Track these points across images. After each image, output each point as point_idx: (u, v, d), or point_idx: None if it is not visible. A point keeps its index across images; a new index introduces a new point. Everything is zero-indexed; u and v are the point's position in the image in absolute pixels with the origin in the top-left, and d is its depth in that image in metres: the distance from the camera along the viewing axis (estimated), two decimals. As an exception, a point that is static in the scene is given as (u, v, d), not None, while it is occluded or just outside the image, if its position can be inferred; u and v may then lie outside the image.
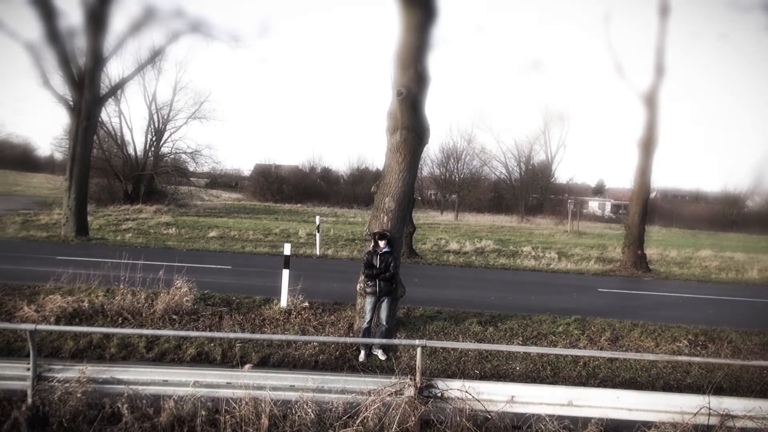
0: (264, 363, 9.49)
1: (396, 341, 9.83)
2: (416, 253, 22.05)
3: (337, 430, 7.15)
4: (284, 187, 59.82)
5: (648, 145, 21.23)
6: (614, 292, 17.06)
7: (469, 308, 12.54)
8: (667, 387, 9.53)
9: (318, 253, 21.12)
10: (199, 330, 10.45)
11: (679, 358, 10.05)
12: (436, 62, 10.95)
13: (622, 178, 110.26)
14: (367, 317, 9.87)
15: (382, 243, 9.87)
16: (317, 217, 23.37)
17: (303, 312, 11.38)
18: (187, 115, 45.39)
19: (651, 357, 9.85)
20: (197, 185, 53.11)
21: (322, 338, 10.32)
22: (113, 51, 22.06)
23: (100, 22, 19.90)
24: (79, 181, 21.58)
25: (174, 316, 10.76)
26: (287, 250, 12.02)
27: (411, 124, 10.33)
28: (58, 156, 49.12)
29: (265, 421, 7.14)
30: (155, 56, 32.84)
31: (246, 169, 75.10)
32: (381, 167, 11.50)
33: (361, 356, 9.74)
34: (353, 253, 21.33)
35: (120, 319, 10.60)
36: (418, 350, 7.74)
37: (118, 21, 37.50)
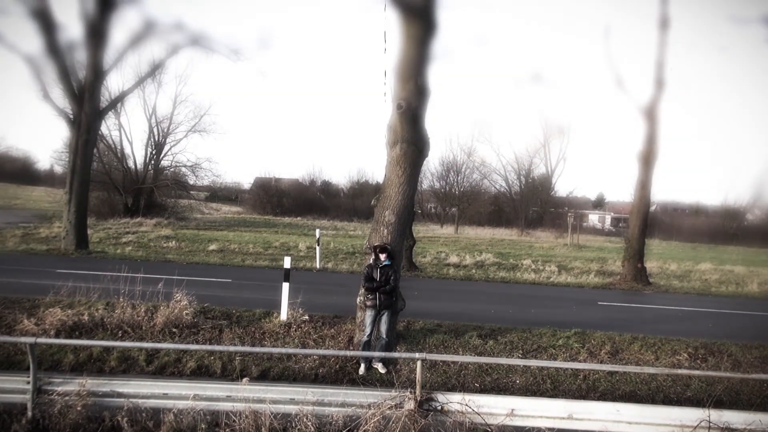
0: (264, 376, 9.47)
1: (396, 354, 9.82)
2: (416, 267, 22.06)
3: (337, 443, 7.15)
4: (284, 201, 59.95)
5: (648, 159, 21.28)
6: (614, 306, 17.05)
7: (469, 321, 12.53)
8: (667, 400, 9.52)
9: (318, 266, 21.12)
10: (199, 343, 10.42)
11: (679, 371, 10.04)
12: (436, 75, 11.00)
13: (622, 192, 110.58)
14: (367, 330, 9.87)
15: (382, 256, 9.88)
16: (317, 231, 23.37)
17: (303, 325, 11.38)
18: (187, 128, 45.56)
19: (651, 370, 9.84)
20: (197, 198, 53.27)
21: (322, 351, 10.31)
22: (113, 64, 22.12)
23: (100, 35, 19.97)
24: (79, 194, 21.61)
25: (174, 330, 10.75)
26: (287, 263, 12.03)
27: (411, 137, 10.37)
28: (58, 169, 49.38)
29: (265, 435, 7.14)
30: (155, 69, 32.93)
31: (246, 182, 75.39)
32: (381, 180, 11.54)
33: (361, 369, 9.72)
34: (353, 267, 21.33)
35: (120, 332, 10.59)
36: (418, 363, 7.75)
37: (118, 34, 37.35)
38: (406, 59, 10.27)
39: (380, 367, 9.77)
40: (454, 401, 7.61)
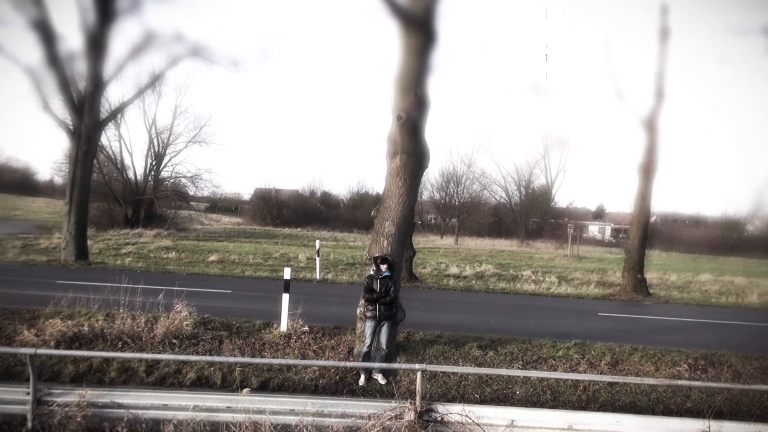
0: (264, 387, 9.48)
1: (396, 365, 9.81)
2: (416, 278, 22.05)
3: (337, 454, 7.14)
4: (284, 212, 59.97)
5: (648, 170, 21.33)
6: (614, 317, 17.04)
7: (469, 332, 12.53)
8: (667, 411, 9.52)
9: (318, 277, 21.11)
10: (199, 354, 10.43)
11: (679, 382, 10.04)
12: (436, 86, 11.05)
13: (622, 203, 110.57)
14: (367, 341, 9.88)
15: (382, 267, 9.89)
16: (317, 242, 23.38)
17: (303, 336, 11.37)
18: (187, 139, 45.60)
19: (651, 381, 9.84)
20: (197, 209, 53.28)
21: (322, 362, 10.31)
22: (113, 75, 22.09)
23: (100, 46, 20.02)
24: (79, 205, 21.62)
25: (174, 341, 10.74)
26: (287, 274, 12.04)
27: (411, 149, 10.41)
28: (58, 180, 49.40)
29: (264, 446, 7.13)
30: (155, 80, 32.95)
31: (246, 193, 75.46)
32: (381, 191, 11.58)
33: (361, 380, 9.72)
34: (353, 278, 21.33)
35: (120, 343, 10.59)
36: (418, 374, 7.76)
37: (118, 45, 37.66)
38: (406, 70, 10.33)
39: (380, 378, 9.77)
40: (454, 412, 7.62)
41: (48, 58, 19.63)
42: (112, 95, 44.20)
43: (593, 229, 72.38)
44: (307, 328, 11.60)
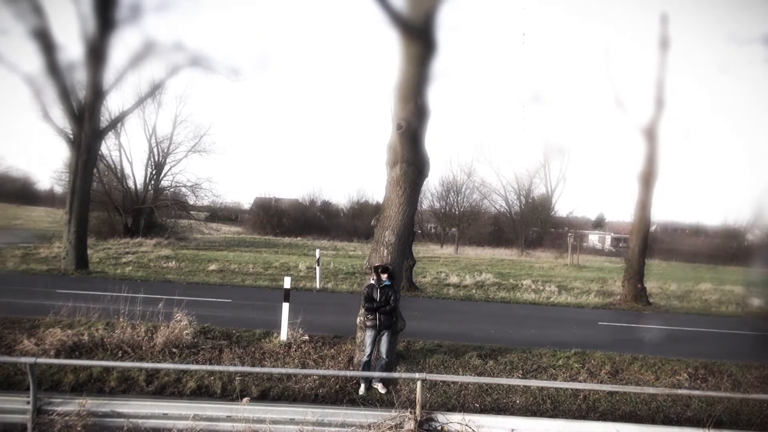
0: (264, 396, 9.47)
1: (396, 374, 9.81)
2: (416, 287, 22.04)
3: (337, 464, 7.13)
4: (284, 221, 59.93)
5: (648, 179, 21.35)
6: (614, 326, 17.03)
7: (469, 341, 12.53)
8: (668, 420, 9.51)
9: (318, 286, 21.11)
10: (199, 363, 10.42)
11: (679, 391, 10.03)
12: (436, 94, 11.09)
13: (622, 212, 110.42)
14: (367, 350, 9.88)
15: (383, 276, 9.91)
16: (317, 251, 23.39)
17: (303, 345, 11.38)
18: (187, 148, 45.56)
19: (651, 390, 9.83)
20: (197, 218, 53.20)
21: (322, 371, 10.30)
22: (113, 84, 22.09)
23: (100, 55, 20.03)
24: (79, 214, 21.64)
25: (174, 350, 10.74)
26: (287, 283, 12.06)
27: (411, 158, 10.44)
28: (58, 189, 49.35)
29: (264, 455, 7.13)
30: (155, 89, 33.01)
31: (246, 202, 75.47)
32: (381, 200, 11.60)
33: (361, 390, 9.72)
34: (353, 287, 21.31)
35: (120, 352, 10.59)
36: (418, 383, 7.76)
37: (119, 54, 37.47)
38: (407, 79, 10.37)
39: (380, 387, 9.77)
40: (454, 421, 7.62)
41: (48, 67, 19.65)
42: (112, 104, 44.33)
43: (593, 239, 72.39)
44: (307, 338, 11.62)
